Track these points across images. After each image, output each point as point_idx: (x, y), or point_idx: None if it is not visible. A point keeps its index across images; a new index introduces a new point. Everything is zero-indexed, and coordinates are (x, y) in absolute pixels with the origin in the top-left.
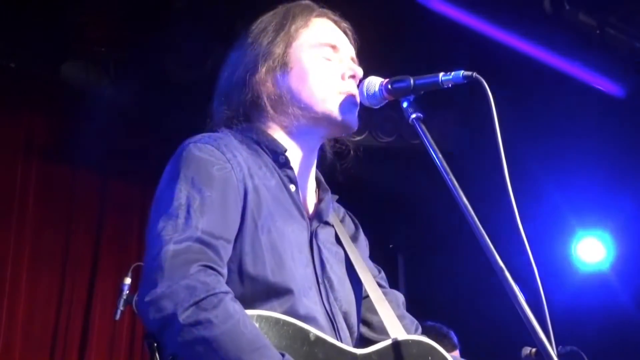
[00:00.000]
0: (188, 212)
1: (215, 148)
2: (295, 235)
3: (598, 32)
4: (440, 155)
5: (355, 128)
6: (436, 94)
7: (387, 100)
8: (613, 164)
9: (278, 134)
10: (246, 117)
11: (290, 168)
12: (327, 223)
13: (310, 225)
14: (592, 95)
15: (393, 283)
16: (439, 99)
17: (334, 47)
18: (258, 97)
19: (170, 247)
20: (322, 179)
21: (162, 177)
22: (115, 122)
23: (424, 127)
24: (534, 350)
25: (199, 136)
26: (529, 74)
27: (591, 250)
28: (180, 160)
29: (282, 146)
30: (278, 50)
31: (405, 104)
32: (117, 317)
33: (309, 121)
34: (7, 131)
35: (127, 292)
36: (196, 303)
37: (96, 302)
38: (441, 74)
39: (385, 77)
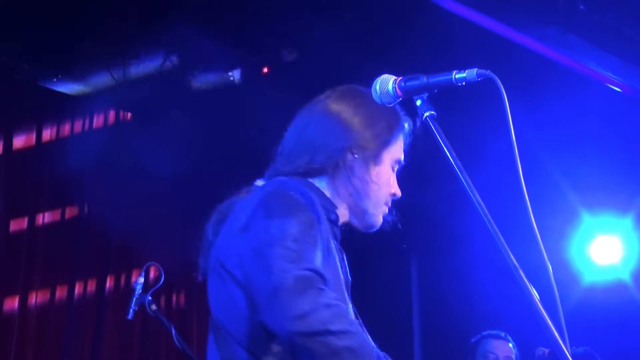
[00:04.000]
0: (303, 246)
1: (306, 195)
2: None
3: (612, 31)
4: (454, 154)
5: None
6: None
7: (400, 99)
8: (629, 163)
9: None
10: (319, 173)
11: (338, 226)
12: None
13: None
14: (608, 93)
15: (406, 284)
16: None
17: (399, 163)
18: (343, 170)
19: (298, 272)
20: None
21: (265, 205)
22: (126, 123)
23: (437, 126)
24: (547, 350)
25: (291, 181)
26: (543, 73)
27: (605, 250)
28: (285, 198)
29: (334, 204)
30: (379, 147)
31: (418, 102)
32: (130, 316)
33: (352, 207)
34: (21, 132)
35: (140, 291)
36: (337, 316)
37: (108, 301)
38: (455, 71)
39: (398, 75)
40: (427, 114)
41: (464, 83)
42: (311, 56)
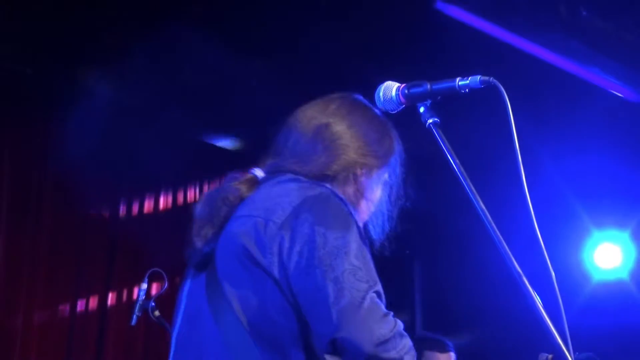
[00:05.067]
0: (366, 264)
1: (348, 204)
2: None
3: (614, 37)
4: (457, 161)
5: None
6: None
7: (403, 106)
8: (629, 179)
9: None
10: (329, 180)
11: None
12: None
13: None
14: (609, 99)
15: (409, 289)
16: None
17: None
18: (352, 183)
19: (372, 295)
20: None
21: (314, 211)
22: (131, 127)
23: (440, 132)
24: (550, 356)
25: (337, 194)
26: (545, 79)
27: (608, 255)
28: (336, 208)
29: None
30: (381, 167)
31: (422, 109)
32: (134, 322)
33: None
34: (23, 136)
35: (144, 297)
36: (409, 347)
37: (112, 307)
38: (458, 78)
39: (401, 82)
40: (430, 120)
41: (467, 90)
42: (312, 61)
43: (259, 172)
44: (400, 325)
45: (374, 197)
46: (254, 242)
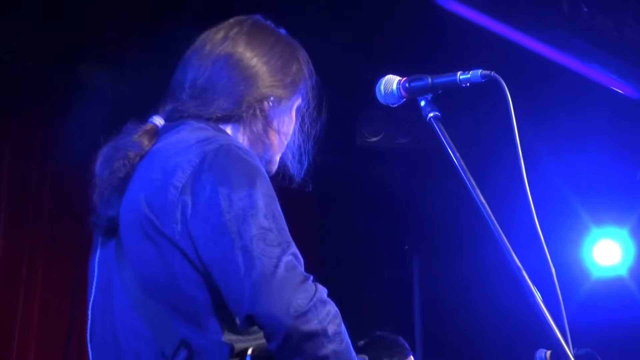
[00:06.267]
0: (278, 223)
1: (252, 153)
2: None
3: (615, 33)
4: (457, 155)
5: None
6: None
7: (404, 99)
8: (630, 164)
9: None
10: (234, 120)
11: None
12: None
13: None
14: (610, 95)
15: (408, 284)
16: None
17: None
18: (261, 118)
19: (286, 260)
20: None
21: (216, 169)
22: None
23: (441, 126)
24: (549, 352)
25: (243, 145)
26: (546, 75)
27: (607, 252)
28: (240, 162)
29: None
30: (291, 95)
31: (422, 103)
32: None
33: (258, 155)
34: (23, 130)
35: None
36: (332, 316)
37: None
38: (459, 72)
39: (402, 76)
40: (431, 114)
41: (468, 84)
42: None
43: (158, 120)
44: (321, 291)
45: (286, 129)
46: (156, 209)
